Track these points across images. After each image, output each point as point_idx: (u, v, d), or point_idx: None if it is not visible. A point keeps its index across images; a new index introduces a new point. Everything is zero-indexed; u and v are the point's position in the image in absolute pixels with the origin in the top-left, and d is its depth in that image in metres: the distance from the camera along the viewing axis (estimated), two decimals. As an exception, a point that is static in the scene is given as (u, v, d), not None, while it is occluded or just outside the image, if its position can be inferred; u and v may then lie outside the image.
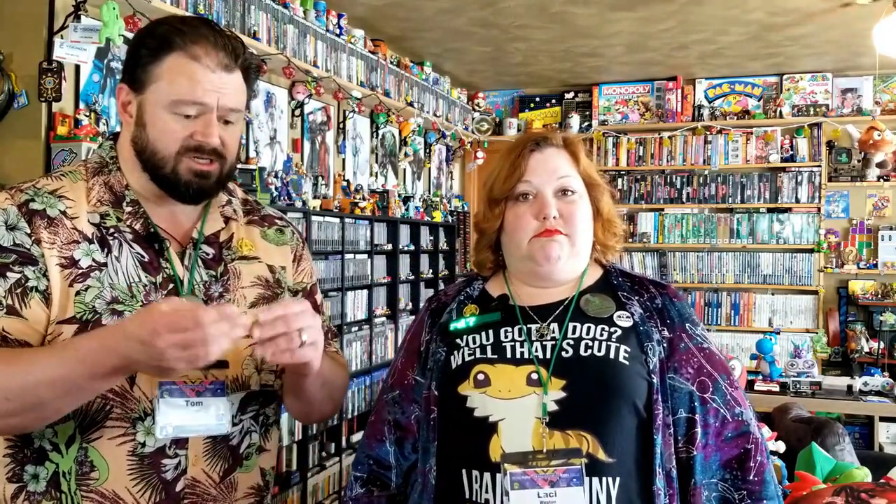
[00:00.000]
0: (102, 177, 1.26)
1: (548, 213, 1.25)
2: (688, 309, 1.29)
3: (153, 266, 1.23)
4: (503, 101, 6.69)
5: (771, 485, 1.21)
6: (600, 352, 1.20)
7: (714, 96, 6.10)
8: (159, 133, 1.21)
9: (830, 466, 2.59)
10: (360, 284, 4.27)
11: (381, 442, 1.32)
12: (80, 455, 1.17)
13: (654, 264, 6.21)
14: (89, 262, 1.19)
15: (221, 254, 1.31)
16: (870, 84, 5.78)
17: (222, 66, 1.22)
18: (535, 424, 1.16)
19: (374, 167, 5.02)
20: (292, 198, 3.66)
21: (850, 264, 5.75)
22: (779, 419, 3.39)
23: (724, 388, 1.23)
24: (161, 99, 1.20)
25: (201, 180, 1.23)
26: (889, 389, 4.12)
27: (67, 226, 1.20)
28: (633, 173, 6.26)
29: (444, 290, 1.42)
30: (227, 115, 1.23)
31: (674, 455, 1.20)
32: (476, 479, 1.18)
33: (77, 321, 1.16)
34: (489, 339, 1.25)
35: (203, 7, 3.11)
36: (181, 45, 1.20)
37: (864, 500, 1.77)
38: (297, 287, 1.41)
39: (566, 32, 4.81)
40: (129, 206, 1.25)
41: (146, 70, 1.22)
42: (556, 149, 1.31)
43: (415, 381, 1.31)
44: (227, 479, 1.26)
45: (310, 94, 3.99)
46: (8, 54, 2.71)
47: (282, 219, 1.45)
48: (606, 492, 1.14)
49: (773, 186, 5.94)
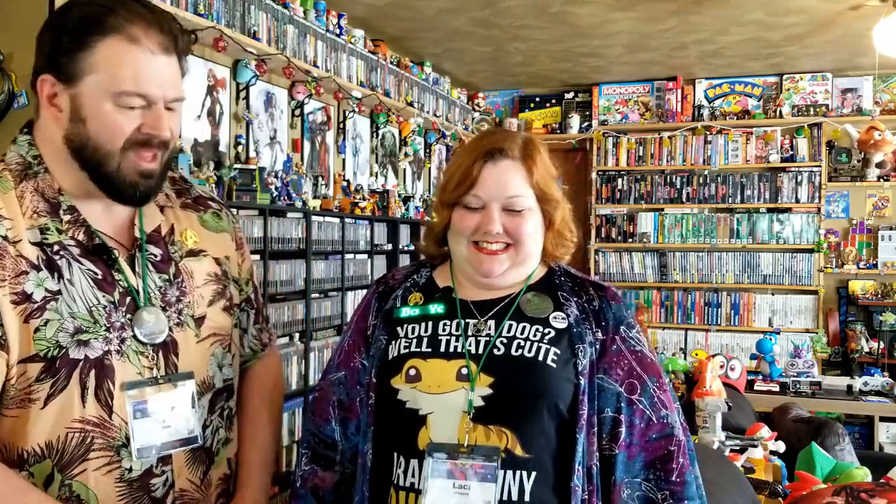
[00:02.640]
0: (31, 181, 1.16)
1: (490, 230, 1.26)
2: (625, 311, 1.31)
3: (107, 282, 1.17)
4: (503, 101, 6.69)
5: (692, 486, 1.24)
6: (530, 353, 1.23)
7: (714, 96, 6.10)
8: (103, 127, 1.12)
9: (830, 466, 2.59)
10: (360, 284, 4.27)
11: (327, 421, 1.36)
12: (62, 492, 1.12)
13: (653, 264, 6.21)
14: (42, 293, 1.10)
15: (168, 251, 1.26)
16: (870, 84, 5.78)
17: (162, 48, 1.13)
18: (461, 417, 1.21)
19: (374, 167, 5.02)
20: (292, 198, 3.66)
21: (849, 264, 5.75)
22: (779, 419, 3.39)
23: (652, 390, 1.26)
24: (102, 91, 1.11)
25: (146, 181, 1.17)
26: (889, 389, 4.13)
27: (11, 253, 1.10)
28: (633, 173, 6.25)
29: (393, 272, 1.43)
30: (170, 104, 1.17)
31: (596, 453, 1.23)
32: (401, 464, 1.23)
33: (42, 359, 1.10)
34: (427, 331, 1.28)
35: (203, 7, 3.12)
36: (115, 27, 1.10)
37: (863, 500, 1.77)
38: (242, 277, 1.39)
39: (566, 32, 4.81)
40: (66, 213, 1.16)
41: (76, 58, 1.10)
42: (511, 161, 1.28)
43: (361, 366, 1.35)
44: (205, 479, 1.27)
45: (310, 94, 3.99)
46: (8, 54, 2.71)
47: (214, 200, 1.40)
48: (519, 484, 1.19)
49: (772, 186, 5.94)
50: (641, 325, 3.98)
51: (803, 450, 2.72)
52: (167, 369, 1.21)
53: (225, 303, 1.32)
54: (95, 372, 1.13)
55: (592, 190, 6.31)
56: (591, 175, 6.31)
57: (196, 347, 1.26)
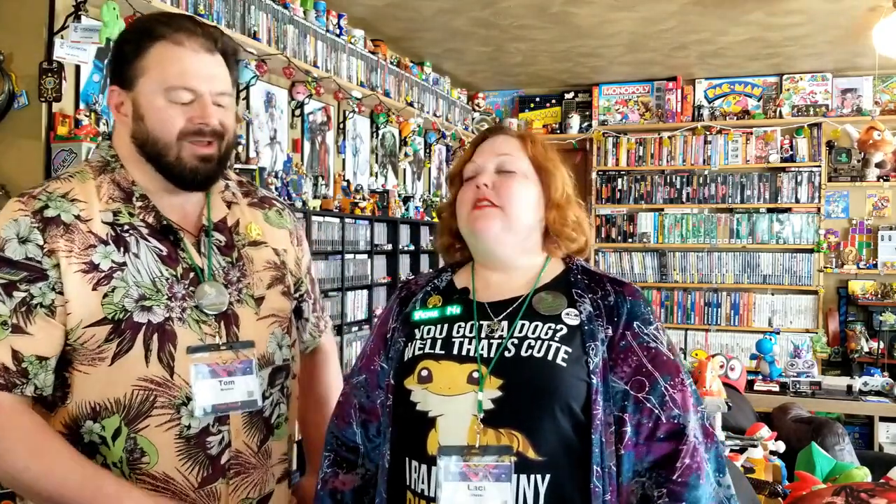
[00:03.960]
0: (108, 174, 1.30)
1: (479, 182, 1.30)
2: (641, 308, 1.28)
3: (171, 258, 1.29)
4: (503, 102, 6.69)
5: (696, 490, 1.17)
6: (539, 353, 1.22)
7: (714, 96, 6.10)
8: (157, 122, 1.25)
9: (830, 466, 2.60)
10: (360, 284, 4.27)
11: (349, 424, 1.37)
12: (128, 444, 1.24)
13: (654, 264, 6.21)
14: (109, 263, 1.23)
15: (233, 239, 1.38)
16: (869, 84, 5.79)
17: (205, 49, 1.27)
18: (471, 421, 1.20)
19: (374, 167, 5.02)
20: (292, 198, 3.66)
21: (849, 264, 5.75)
22: (779, 419, 3.39)
23: (664, 388, 1.21)
24: (154, 88, 1.25)
25: (205, 164, 1.28)
26: (889, 389, 4.13)
27: (83, 230, 1.23)
28: (632, 173, 6.26)
29: (416, 278, 1.46)
30: (217, 99, 1.29)
31: (615, 453, 1.20)
32: (415, 469, 1.23)
33: (110, 321, 1.22)
34: (442, 334, 1.29)
35: (203, 7, 3.12)
36: (164, 34, 1.25)
37: (863, 500, 1.77)
38: (302, 270, 1.51)
39: (566, 32, 4.81)
40: (138, 200, 1.29)
41: (133, 66, 1.26)
42: (507, 136, 1.36)
43: (380, 368, 1.35)
44: (263, 448, 1.35)
45: (310, 94, 4.00)
46: (8, 54, 2.71)
47: (277, 200, 1.53)
48: (534, 489, 1.16)
49: (772, 186, 5.94)
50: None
51: (803, 450, 2.72)
52: (228, 338, 1.31)
53: (283, 288, 1.44)
54: (158, 336, 1.24)
55: (592, 190, 6.31)
56: (591, 175, 6.32)
57: (256, 324, 1.36)
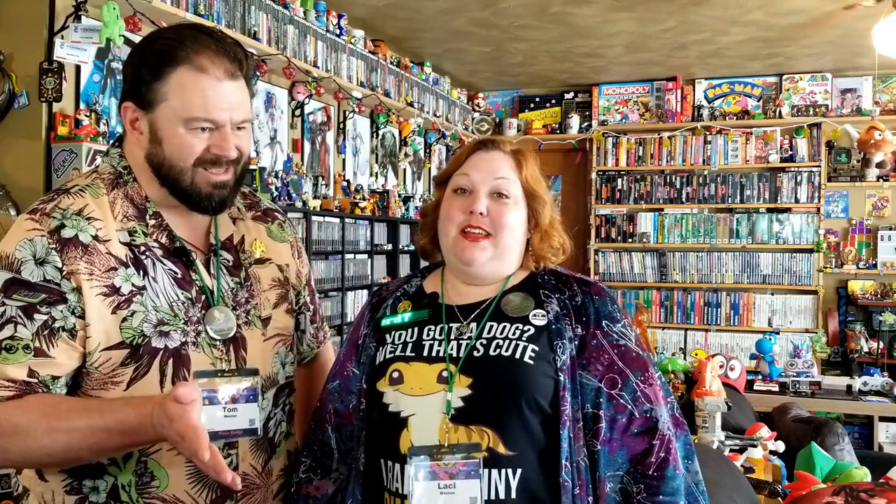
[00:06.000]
0: (121, 189, 1.30)
1: (475, 209, 1.31)
2: (609, 306, 1.31)
3: (186, 281, 1.30)
4: (503, 102, 6.69)
5: (673, 481, 1.23)
6: (507, 351, 1.25)
7: (714, 96, 6.10)
8: (176, 148, 1.24)
9: (830, 466, 2.60)
10: (360, 284, 4.27)
11: (325, 429, 1.40)
12: (139, 468, 1.24)
13: (653, 264, 6.21)
14: (129, 287, 1.24)
15: (240, 258, 1.40)
16: (869, 84, 5.79)
17: (228, 75, 1.24)
18: (441, 420, 1.23)
19: (375, 167, 5.02)
20: (292, 198, 3.66)
21: (849, 264, 5.76)
22: (779, 419, 3.39)
23: (635, 384, 1.26)
24: (174, 116, 1.23)
25: (220, 191, 1.29)
26: (888, 389, 4.13)
27: (102, 251, 1.23)
28: (632, 173, 6.26)
29: (387, 284, 1.49)
30: (238, 124, 1.28)
31: (584, 448, 1.24)
32: (390, 468, 1.26)
33: (128, 346, 1.22)
34: (412, 337, 1.32)
35: (203, 7, 3.12)
36: (185, 58, 1.22)
37: (863, 500, 1.77)
38: (301, 282, 1.52)
39: (566, 32, 4.81)
40: (151, 218, 1.30)
41: (152, 88, 1.23)
42: (503, 154, 1.37)
43: (352, 373, 1.38)
44: (266, 468, 1.37)
45: (310, 94, 4.00)
46: (8, 54, 2.71)
47: (278, 211, 1.54)
48: (506, 482, 1.20)
49: (772, 186, 5.94)
50: (641, 325, 3.98)
51: (803, 450, 2.72)
52: (237, 363, 1.32)
53: (287, 305, 1.46)
54: (173, 361, 1.26)
55: (592, 190, 6.31)
56: (591, 175, 6.32)
57: (263, 345, 1.38)
